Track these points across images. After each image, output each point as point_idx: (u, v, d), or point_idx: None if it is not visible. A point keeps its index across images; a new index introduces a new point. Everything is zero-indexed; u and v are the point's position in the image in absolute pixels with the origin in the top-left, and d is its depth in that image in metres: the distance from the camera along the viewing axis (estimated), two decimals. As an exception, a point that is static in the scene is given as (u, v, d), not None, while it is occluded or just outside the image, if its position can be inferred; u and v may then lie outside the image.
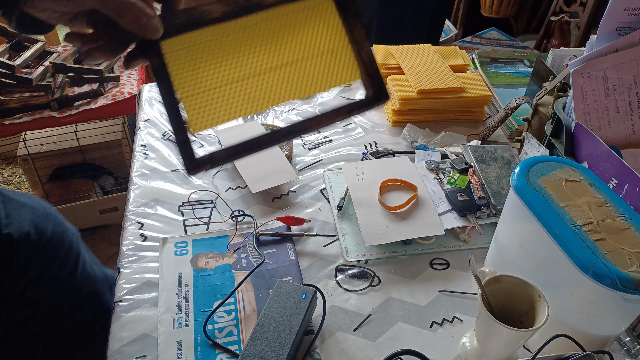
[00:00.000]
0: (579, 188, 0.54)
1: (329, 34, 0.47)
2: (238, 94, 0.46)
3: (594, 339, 0.51)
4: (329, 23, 0.47)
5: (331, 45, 0.47)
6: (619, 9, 0.63)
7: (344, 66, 0.48)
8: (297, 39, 0.47)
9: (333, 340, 0.58)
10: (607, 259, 0.46)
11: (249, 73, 0.46)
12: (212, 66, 0.46)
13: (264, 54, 0.47)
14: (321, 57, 0.47)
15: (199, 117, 0.45)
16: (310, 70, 0.47)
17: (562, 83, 0.76)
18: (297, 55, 0.47)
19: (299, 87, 0.47)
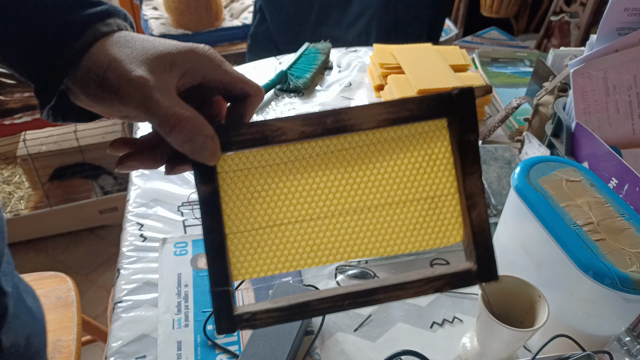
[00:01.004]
0: (579, 188, 0.54)
1: (433, 175, 0.37)
2: (301, 238, 0.36)
3: (594, 339, 0.51)
4: (436, 161, 0.37)
5: (432, 191, 0.37)
6: (619, 9, 0.63)
7: (444, 222, 0.37)
8: (389, 176, 0.37)
9: (333, 341, 0.58)
10: (607, 259, 0.46)
11: (320, 213, 0.36)
12: (275, 196, 0.36)
13: (345, 189, 0.37)
14: (416, 204, 0.37)
15: (246, 262, 0.36)
16: (398, 220, 0.37)
17: (562, 83, 0.76)
18: (386, 198, 0.37)
19: (379, 241, 0.37)
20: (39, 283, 0.95)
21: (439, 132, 0.37)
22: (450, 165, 0.37)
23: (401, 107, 0.35)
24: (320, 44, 1.15)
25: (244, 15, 1.95)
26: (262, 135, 0.34)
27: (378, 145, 0.37)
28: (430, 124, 0.36)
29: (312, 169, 0.36)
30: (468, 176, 0.36)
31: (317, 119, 0.35)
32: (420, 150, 0.37)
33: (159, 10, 1.92)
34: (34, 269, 1.00)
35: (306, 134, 0.35)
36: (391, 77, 0.95)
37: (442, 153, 0.37)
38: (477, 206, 0.36)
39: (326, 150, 0.36)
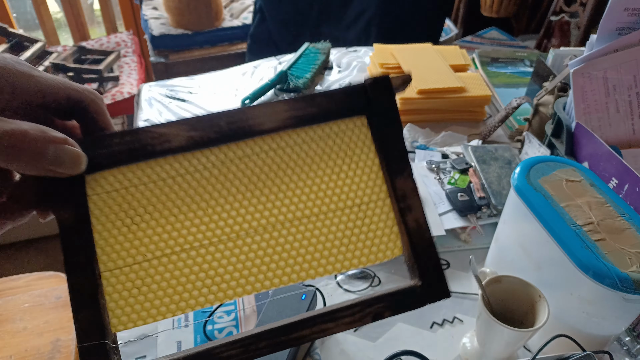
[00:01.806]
0: (580, 188, 0.54)
1: (357, 180, 0.32)
2: (199, 269, 0.29)
3: (594, 339, 0.51)
4: (359, 163, 0.32)
5: (358, 198, 0.31)
6: (619, 9, 0.63)
7: (376, 232, 0.32)
8: (305, 185, 0.31)
9: (333, 341, 0.58)
10: (607, 259, 0.46)
11: (221, 235, 0.30)
12: (163, 219, 0.29)
13: (251, 203, 0.30)
14: (340, 215, 0.31)
15: (128, 306, 0.28)
16: (320, 235, 0.31)
17: (562, 83, 0.76)
18: (303, 210, 0.31)
19: (299, 263, 0.30)
20: (39, 283, 0.95)
21: (358, 131, 0.32)
22: (376, 167, 0.32)
23: (308, 103, 0.30)
24: (320, 44, 1.15)
25: (244, 15, 1.95)
26: (140, 144, 0.28)
27: (288, 150, 0.31)
28: (347, 122, 0.32)
29: (208, 183, 0.30)
30: (396, 176, 0.31)
31: (207, 122, 0.29)
32: (339, 152, 0.31)
33: (159, 10, 1.91)
34: (34, 269, 1.00)
35: (196, 140, 0.29)
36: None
37: (365, 154, 0.32)
38: (412, 209, 0.31)
39: (224, 159, 0.30)
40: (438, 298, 0.31)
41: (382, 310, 0.30)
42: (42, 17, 1.94)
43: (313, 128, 0.31)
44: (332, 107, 0.31)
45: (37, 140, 0.25)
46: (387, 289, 0.31)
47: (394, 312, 0.30)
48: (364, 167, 0.32)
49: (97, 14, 2.37)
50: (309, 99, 0.30)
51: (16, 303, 0.91)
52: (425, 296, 0.31)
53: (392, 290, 0.31)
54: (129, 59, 1.80)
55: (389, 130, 0.31)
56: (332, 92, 0.31)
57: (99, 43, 1.89)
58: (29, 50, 1.51)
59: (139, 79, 1.68)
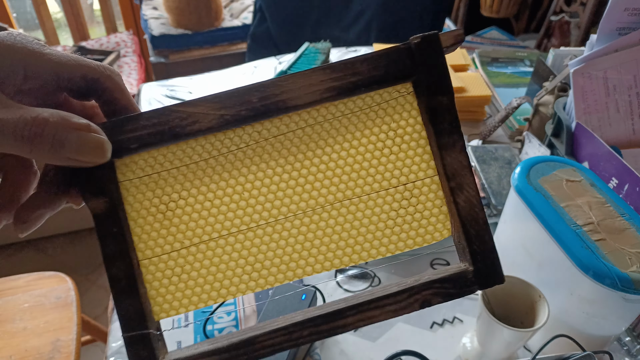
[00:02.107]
0: (580, 188, 0.54)
1: (402, 156, 0.29)
2: (239, 255, 0.28)
3: (594, 339, 0.51)
4: (404, 137, 0.29)
5: (404, 176, 0.29)
6: (619, 9, 0.63)
7: (424, 214, 0.29)
8: (346, 164, 0.29)
9: (333, 341, 0.58)
10: (608, 259, 0.46)
11: (259, 219, 0.28)
12: (198, 204, 0.28)
13: (289, 186, 0.29)
14: (384, 196, 0.29)
15: (169, 294, 0.28)
16: (363, 218, 0.29)
17: (562, 83, 0.76)
18: (345, 192, 0.29)
19: (342, 247, 0.29)
20: (38, 283, 0.95)
21: (403, 100, 0.29)
22: (423, 141, 0.29)
23: (348, 71, 0.28)
24: (320, 43, 1.15)
25: (244, 15, 1.95)
26: (168, 126, 0.27)
27: (327, 125, 0.29)
28: (391, 90, 0.29)
29: (243, 165, 0.28)
30: (447, 151, 0.28)
31: (238, 98, 0.27)
32: (383, 126, 0.29)
33: (159, 10, 1.91)
34: (34, 269, 1.00)
35: (227, 119, 0.27)
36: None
37: (411, 126, 0.29)
38: (464, 188, 0.28)
39: (258, 138, 0.28)
40: (491, 284, 0.29)
41: (430, 297, 0.28)
42: (42, 17, 1.94)
43: (352, 99, 0.29)
44: (374, 73, 0.28)
45: (58, 128, 0.24)
46: (436, 274, 0.29)
47: (443, 299, 0.28)
48: (410, 141, 0.29)
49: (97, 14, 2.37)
50: (348, 66, 0.28)
51: (16, 303, 0.91)
52: (477, 282, 0.29)
53: (440, 276, 0.28)
54: (129, 59, 1.80)
55: (438, 98, 0.28)
56: (373, 56, 0.28)
57: (99, 43, 1.89)
58: (29, 50, 1.51)
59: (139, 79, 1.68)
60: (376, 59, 0.28)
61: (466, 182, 0.28)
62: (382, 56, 0.28)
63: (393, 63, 0.28)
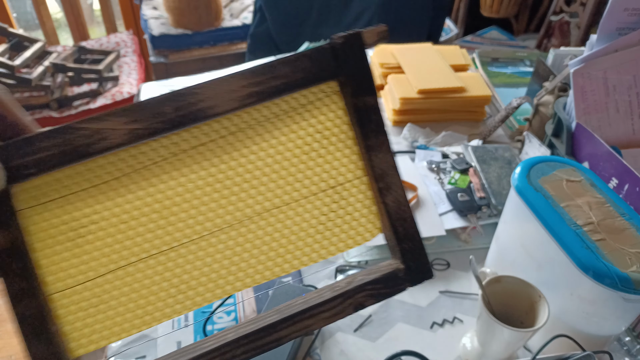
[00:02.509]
0: (580, 188, 0.54)
1: (330, 158, 0.28)
2: (161, 278, 0.26)
3: (594, 339, 0.51)
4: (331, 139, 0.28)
5: (332, 179, 0.28)
6: (619, 9, 0.63)
7: (354, 215, 0.28)
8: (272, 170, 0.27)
9: (333, 341, 0.58)
10: (607, 259, 0.46)
11: (181, 237, 0.26)
12: (112, 228, 0.25)
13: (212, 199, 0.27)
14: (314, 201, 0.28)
15: (86, 328, 0.25)
16: (293, 225, 0.27)
17: (562, 83, 0.76)
18: (273, 200, 0.27)
19: (272, 258, 0.27)
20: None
21: (328, 100, 0.27)
22: (350, 141, 0.28)
23: (269, 74, 0.26)
24: (320, 43, 1.15)
25: (244, 15, 1.95)
26: (72, 146, 0.23)
27: (249, 131, 0.26)
28: (316, 90, 0.27)
29: (160, 180, 0.25)
30: (374, 151, 0.27)
31: (151, 110, 0.24)
32: (309, 128, 0.27)
33: (159, 10, 1.91)
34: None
35: (139, 133, 0.24)
36: (391, 76, 0.95)
37: (338, 127, 0.28)
38: (392, 188, 0.28)
39: (176, 151, 0.25)
40: (420, 280, 0.29)
41: (364, 299, 0.28)
42: (42, 17, 1.94)
43: (276, 102, 0.27)
44: (297, 75, 0.26)
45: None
46: (368, 275, 0.29)
47: (376, 299, 0.29)
48: (337, 142, 0.28)
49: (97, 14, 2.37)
50: (269, 69, 0.26)
51: (16, 303, 0.91)
52: (407, 279, 0.29)
53: (372, 277, 0.28)
54: (128, 59, 1.80)
55: (363, 97, 0.27)
56: (296, 58, 0.26)
57: (99, 43, 1.89)
58: (29, 50, 1.51)
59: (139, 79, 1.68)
60: (298, 61, 0.26)
61: (394, 182, 0.28)
62: (305, 57, 0.27)
63: (316, 64, 0.27)
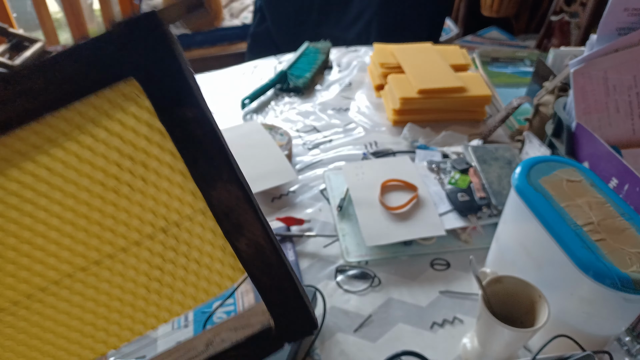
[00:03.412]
0: (580, 188, 0.54)
1: (151, 191, 0.19)
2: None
3: (594, 339, 0.51)
4: (146, 161, 0.18)
5: (161, 219, 0.19)
6: (619, 9, 0.63)
7: (201, 260, 0.21)
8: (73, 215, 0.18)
9: (333, 341, 0.58)
10: (608, 259, 0.46)
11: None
12: None
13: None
14: (146, 246, 0.19)
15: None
16: (118, 283, 0.20)
17: (562, 83, 0.76)
18: (84, 256, 0.19)
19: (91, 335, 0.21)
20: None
21: (134, 107, 0.17)
22: (167, 166, 0.19)
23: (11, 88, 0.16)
24: (320, 43, 1.15)
25: (244, 14, 1.95)
26: None
27: (26, 164, 0.18)
28: (111, 95, 0.17)
29: None
30: (209, 183, 0.19)
31: None
32: (110, 153, 0.18)
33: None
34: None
35: None
36: (391, 76, 0.95)
37: (158, 144, 0.18)
38: (244, 228, 0.20)
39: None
40: (301, 335, 0.24)
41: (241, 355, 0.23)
42: (42, 17, 1.94)
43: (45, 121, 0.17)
44: (64, 87, 0.16)
45: None
46: (233, 336, 0.24)
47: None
48: (157, 167, 0.19)
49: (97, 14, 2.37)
50: (23, 76, 0.16)
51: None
52: (284, 336, 0.24)
53: (236, 341, 0.23)
54: (129, 59, 1.80)
55: (174, 104, 0.17)
56: (67, 54, 0.17)
57: (99, 43, 1.89)
58: (29, 50, 1.51)
59: (139, 79, 1.68)
60: (73, 58, 0.16)
61: (246, 220, 0.19)
62: (83, 51, 0.17)
63: (101, 57, 0.16)
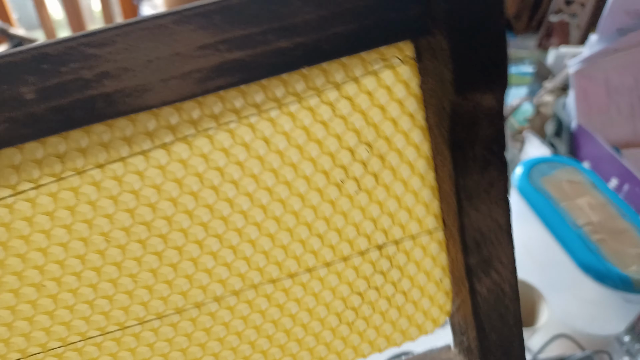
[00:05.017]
0: (580, 188, 0.54)
1: (381, 196, 0.15)
2: None
3: (594, 339, 0.51)
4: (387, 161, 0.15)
5: (382, 233, 0.15)
6: (619, 10, 0.63)
7: (413, 295, 0.18)
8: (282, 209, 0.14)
9: (334, 341, 0.58)
10: (608, 259, 0.46)
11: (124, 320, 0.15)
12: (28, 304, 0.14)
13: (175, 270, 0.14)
14: (351, 265, 0.16)
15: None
16: (309, 306, 0.16)
17: (562, 83, 0.76)
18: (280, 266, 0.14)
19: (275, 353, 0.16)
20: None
21: (392, 77, 0.14)
22: (423, 161, 0.15)
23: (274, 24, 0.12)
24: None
25: (244, 15, 1.95)
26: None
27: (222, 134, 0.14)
28: (376, 56, 0.13)
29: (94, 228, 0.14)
30: (471, 197, 0.15)
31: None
32: (345, 135, 0.14)
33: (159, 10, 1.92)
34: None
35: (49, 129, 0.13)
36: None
37: (402, 133, 0.14)
38: (493, 267, 0.15)
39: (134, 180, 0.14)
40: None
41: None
42: (42, 17, 1.94)
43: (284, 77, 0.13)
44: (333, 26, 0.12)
45: None
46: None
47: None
48: (397, 165, 0.15)
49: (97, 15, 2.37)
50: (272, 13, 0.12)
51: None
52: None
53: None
54: (129, 59, 1.80)
55: (475, 94, 0.13)
56: None
57: (100, 43, 1.89)
58: (30, 51, 1.51)
59: (140, 79, 1.68)
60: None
61: (497, 257, 0.15)
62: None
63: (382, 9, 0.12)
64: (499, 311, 0.16)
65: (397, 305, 0.18)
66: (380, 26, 0.12)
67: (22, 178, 0.14)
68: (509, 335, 0.17)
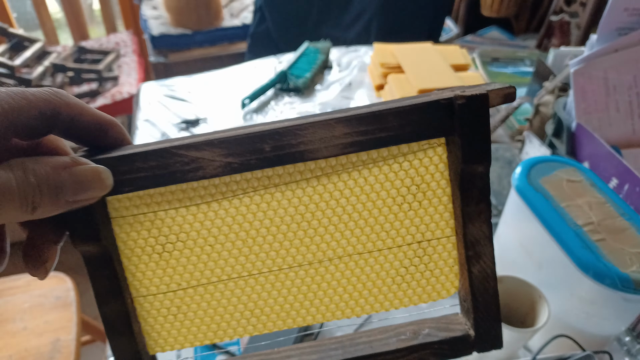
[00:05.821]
0: (580, 188, 0.54)
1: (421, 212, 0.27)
2: (238, 300, 0.28)
3: (594, 339, 0.51)
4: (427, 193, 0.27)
5: (420, 234, 0.28)
6: (619, 9, 0.63)
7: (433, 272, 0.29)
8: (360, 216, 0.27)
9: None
10: (608, 259, 0.46)
11: (262, 267, 0.27)
12: (197, 247, 0.26)
13: (296, 236, 0.27)
14: (396, 252, 0.28)
15: (164, 330, 0.28)
16: (371, 273, 0.28)
17: (562, 83, 0.76)
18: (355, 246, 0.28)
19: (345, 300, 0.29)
20: (38, 283, 0.95)
21: (432, 152, 0.26)
22: (446, 198, 0.27)
23: (377, 124, 0.25)
24: (320, 43, 1.15)
25: (244, 14, 1.95)
26: (168, 171, 0.24)
27: (344, 175, 0.26)
28: (422, 143, 0.26)
29: (249, 210, 0.26)
30: (470, 219, 0.27)
31: (249, 146, 0.24)
32: (405, 179, 0.27)
33: (159, 10, 1.91)
34: (33, 268, 1.00)
35: (234, 167, 0.24)
36: (391, 76, 0.95)
37: (437, 181, 0.27)
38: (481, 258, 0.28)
39: (267, 184, 0.26)
40: (489, 349, 0.29)
41: (427, 356, 0.30)
42: (42, 17, 1.94)
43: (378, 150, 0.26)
44: (405, 129, 0.25)
45: (49, 175, 0.21)
46: (437, 333, 0.30)
47: (439, 358, 0.30)
48: (432, 197, 0.27)
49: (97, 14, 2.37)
50: (377, 119, 0.25)
51: (16, 303, 0.91)
52: (475, 347, 0.29)
53: (442, 337, 0.29)
54: (128, 59, 1.80)
55: (472, 166, 0.25)
56: (406, 110, 0.25)
57: (99, 43, 1.89)
58: (29, 51, 1.51)
59: (139, 79, 1.68)
60: (410, 113, 0.25)
61: (484, 253, 0.28)
62: (417, 110, 0.25)
63: (428, 119, 0.25)
64: (484, 285, 0.29)
65: (427, 277, 0.30)
66: (432, 129, 0.25)
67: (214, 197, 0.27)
68: (490, 300, 0.29)
